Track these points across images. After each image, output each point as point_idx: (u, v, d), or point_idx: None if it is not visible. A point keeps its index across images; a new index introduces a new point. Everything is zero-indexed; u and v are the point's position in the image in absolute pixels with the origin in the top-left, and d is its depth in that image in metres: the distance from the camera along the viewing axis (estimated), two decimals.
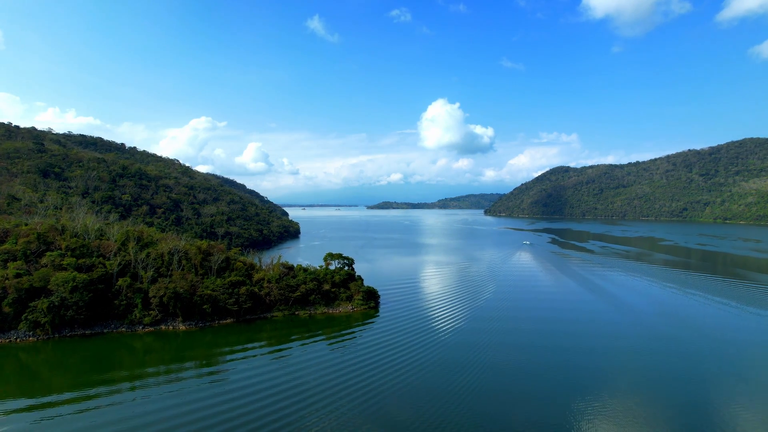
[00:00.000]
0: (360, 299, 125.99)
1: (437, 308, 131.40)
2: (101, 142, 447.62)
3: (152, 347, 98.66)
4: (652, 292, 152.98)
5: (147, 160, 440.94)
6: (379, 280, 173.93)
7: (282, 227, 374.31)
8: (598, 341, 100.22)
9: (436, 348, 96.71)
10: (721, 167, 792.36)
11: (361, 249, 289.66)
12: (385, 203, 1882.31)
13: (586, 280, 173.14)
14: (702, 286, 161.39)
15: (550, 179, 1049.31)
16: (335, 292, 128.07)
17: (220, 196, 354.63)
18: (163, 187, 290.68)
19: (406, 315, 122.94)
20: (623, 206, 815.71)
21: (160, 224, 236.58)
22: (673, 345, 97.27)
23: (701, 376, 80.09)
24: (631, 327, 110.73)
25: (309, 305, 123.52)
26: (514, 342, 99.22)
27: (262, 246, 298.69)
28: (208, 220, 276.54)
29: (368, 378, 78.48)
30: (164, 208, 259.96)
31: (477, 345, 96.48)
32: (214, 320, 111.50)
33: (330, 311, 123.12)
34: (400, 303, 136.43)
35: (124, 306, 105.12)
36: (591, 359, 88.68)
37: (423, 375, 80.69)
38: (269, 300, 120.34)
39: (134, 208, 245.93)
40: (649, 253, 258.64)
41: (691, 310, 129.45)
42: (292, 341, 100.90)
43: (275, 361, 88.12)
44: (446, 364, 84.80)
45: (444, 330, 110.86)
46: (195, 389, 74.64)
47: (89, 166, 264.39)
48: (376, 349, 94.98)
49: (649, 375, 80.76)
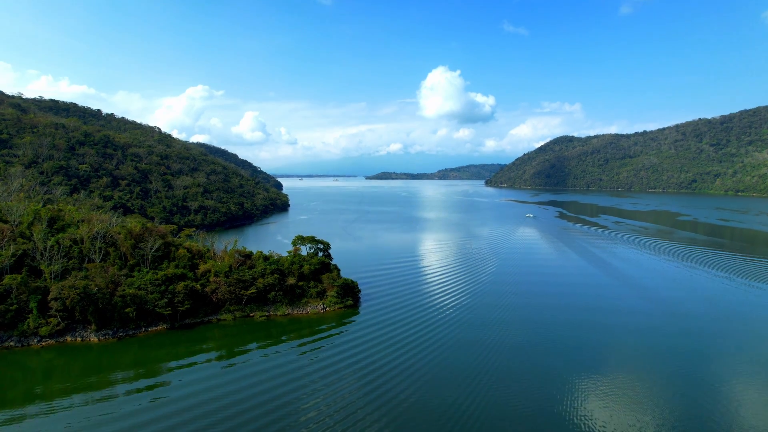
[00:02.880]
0: (334, 296, 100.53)
1: (430, 300, 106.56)
2: (75, 109, 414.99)
3: (52, 366, 73.91)
4: (681, 276, 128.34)
5: (124, 128, 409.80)
6: (366, 263, 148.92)
7: (268, 200, 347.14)
8: (631, 337, 75.56)
9: (429, 349, 72.89)
10: (733, 137, 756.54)
11: (350, 224, 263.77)
12: (384, 174, 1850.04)
13: (606, 263, 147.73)
14: (741, 270, 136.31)
15: (553, 149, 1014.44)
16: (303, 286, 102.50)
17: (199, 167, 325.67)
18: (131, 156, 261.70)
19: (391, 312, 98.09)
20: (629, 177, 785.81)
21: (121, 198, 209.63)
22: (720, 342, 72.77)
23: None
24: (670, 324, 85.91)
25: (268, 305, 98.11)
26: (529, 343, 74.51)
27: (243, 222, 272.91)
28: (181, 193, 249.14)
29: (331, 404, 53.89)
30: (129, 180, 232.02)
31: (486, 342, 71.63)
32: (140, 328, 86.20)
33: (294, 312, 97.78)
34: (386, 295, 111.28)
35: (13, 312, 79.38)
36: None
37: (403, 387, 56.42)
38: (216, 299, 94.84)
39: (93, 179, 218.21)
40: (669, 230, 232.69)
41: (731, 297, 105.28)
42: (234, 355, 75.96)
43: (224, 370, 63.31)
44: (441, 377, 60.19)
45: (439, 326, 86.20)
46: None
47: (44, 133, 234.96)
48: (346, 362, 70.30)
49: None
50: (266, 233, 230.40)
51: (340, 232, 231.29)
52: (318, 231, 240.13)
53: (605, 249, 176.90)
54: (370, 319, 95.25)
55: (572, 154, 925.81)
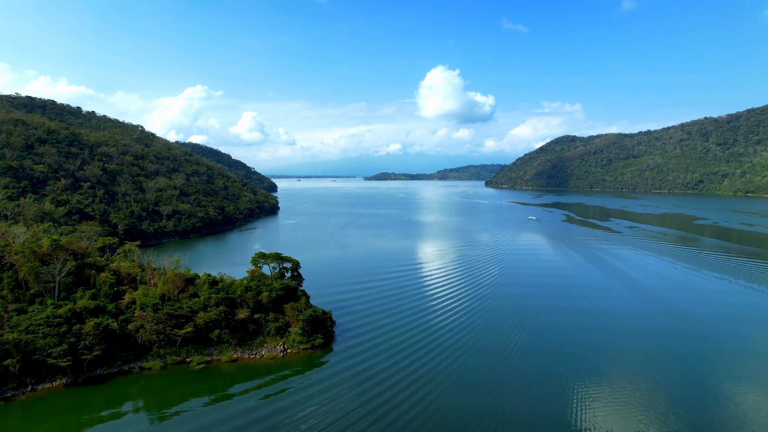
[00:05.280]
0: (298, 333, 77.92)
1: (423, 324, 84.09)
2: (53, 106, 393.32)
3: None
4: (729, 295, 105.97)
5: (104, 126, 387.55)
6: (350, 278, 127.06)
7: (254, 203, 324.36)
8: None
9: (423, 402, 50.69)
10: (740, 136, 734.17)
11: (340, 230, 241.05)
12: (382, 174, 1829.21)
13: (629, 278, 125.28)
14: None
15: (554, 149, 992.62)
16: (259, 320, 79.84)
17: (180, 167, 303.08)
18: (100, 156, 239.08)
19: (375, 349, 77.18)
20: (633, 178, 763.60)
21: (80, 202, 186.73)
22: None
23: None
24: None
25: (212, 346, 75.44)
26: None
27: (223, 228, 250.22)
28: (153, 197, 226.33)
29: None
30: (93, 182, 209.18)
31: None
32: (26, 386, 63.53)
33: (245, 356, 75.01)
34: (370, 324, 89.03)
35: None
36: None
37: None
38: (142, 340, 72.17)
39: (51, 181, 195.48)
40: (694, 237, 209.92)
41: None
42: (159, 418, 53.54)
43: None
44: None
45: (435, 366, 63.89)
46: None
47: (0, 130, 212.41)
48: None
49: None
50: (245, 242, 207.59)
51: (326, 238, 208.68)
52: (303, 237, 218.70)
53: (627, 260, 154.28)
54: (345, 363, 72.86)
55: (574, 154, 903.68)
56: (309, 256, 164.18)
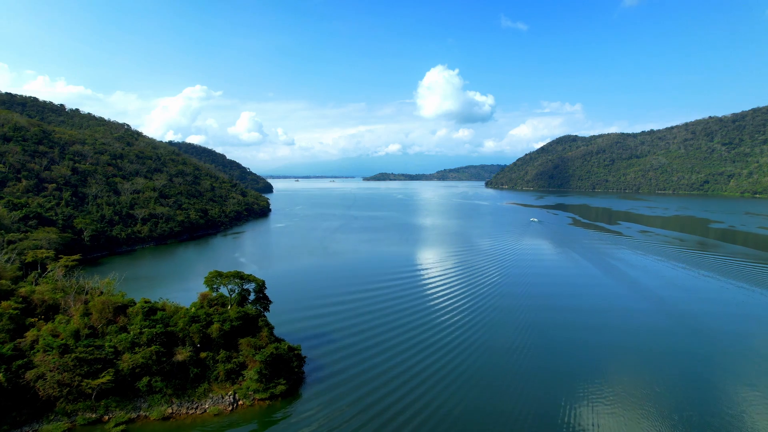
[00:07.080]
0: (254, 377, 60.76)
1: (415, 355, 66.92)
2: (34, 103, 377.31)
3: None
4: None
5: (87, 124, 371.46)
6: (331, 293, 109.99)
7: (243, 205, 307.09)
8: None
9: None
10: (746, 136, 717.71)
11: (331, 234, 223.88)
12: (382, 174, 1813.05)
13: (664, 300, 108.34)
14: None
15: (555, 149, 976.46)
16: (206, 361, 62.71)
17: (164, 167, 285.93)
18: (71, 155, 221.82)
19: (354, 393, 59.66)
20: (637, 178, 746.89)
21: (42, 206, 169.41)
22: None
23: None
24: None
25: (140, 397, 58.28)
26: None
27: (206, 232, 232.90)
28: (128, 199, 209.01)
29: None
30: (60, 183, 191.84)
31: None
32: None
33: (183, 411, 57.79)
34: (350, 357, 72.11)
35: None
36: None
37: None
38: (44, 394, 54.99)
39: (11, 182, 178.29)
40: (716, 244, 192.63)
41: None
42: None
43: None
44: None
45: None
46: None
47: None
48: None
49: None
50: (226, 248, 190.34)
51: (315, 244, 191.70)
52: (288, 243, 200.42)
53: (651, 271, 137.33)
54: (314, 418, 55.80)
55: (576, 154, 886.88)
56: (289, 265, 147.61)
